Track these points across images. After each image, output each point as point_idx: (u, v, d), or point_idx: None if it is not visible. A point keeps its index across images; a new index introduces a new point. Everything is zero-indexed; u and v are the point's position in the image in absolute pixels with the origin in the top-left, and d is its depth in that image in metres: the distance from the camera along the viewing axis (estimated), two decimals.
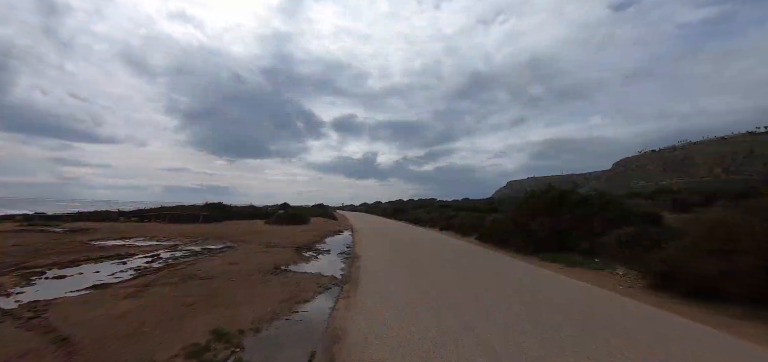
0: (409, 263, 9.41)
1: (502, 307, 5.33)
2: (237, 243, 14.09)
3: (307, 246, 13.18)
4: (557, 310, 5.23)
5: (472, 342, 3.99)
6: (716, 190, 42.67)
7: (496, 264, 9.41)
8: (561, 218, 10.80)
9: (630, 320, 4.85)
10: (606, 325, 4.60)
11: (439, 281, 7.15)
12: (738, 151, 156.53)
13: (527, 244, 10.96)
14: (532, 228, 11.13)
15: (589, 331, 4.36)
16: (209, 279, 7.08)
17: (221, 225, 22.78)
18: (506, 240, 12.38)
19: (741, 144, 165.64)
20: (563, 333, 4.28)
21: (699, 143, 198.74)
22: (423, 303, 5.48)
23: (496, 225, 13.38)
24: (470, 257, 10.53)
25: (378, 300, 5.68)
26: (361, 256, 10.60)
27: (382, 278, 7.47)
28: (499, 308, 5.29)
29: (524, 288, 6.64)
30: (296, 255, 10.87)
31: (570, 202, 11.02)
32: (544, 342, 3.98)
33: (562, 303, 5.63)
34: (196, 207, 29.92)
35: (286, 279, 7.27)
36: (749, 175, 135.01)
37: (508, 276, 7.77)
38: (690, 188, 57.55)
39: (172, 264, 8.96)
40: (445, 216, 23.69)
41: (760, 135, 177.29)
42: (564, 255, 10.01)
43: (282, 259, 9.83)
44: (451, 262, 9.56)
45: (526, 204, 11.87)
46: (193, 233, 17.46)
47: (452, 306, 5.33)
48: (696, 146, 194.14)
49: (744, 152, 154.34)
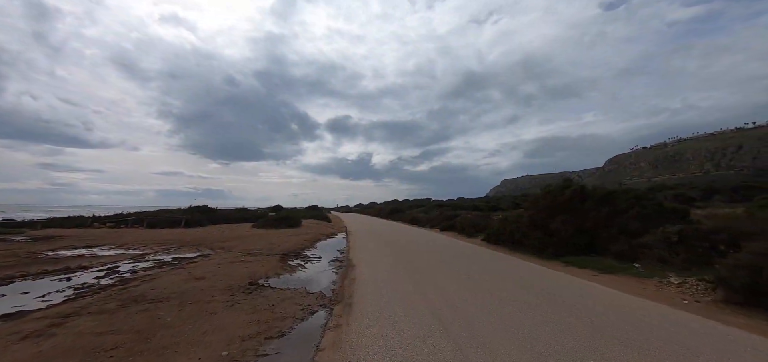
0: (412, 271, 7.87)
1: (546, 332, 3.82)
2: (215, 250, 12.43)
3: (294, 253, 11.57)
4: (624, 340, 3.75)
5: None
6: (711, 185, 41.99)
7: (515, 271, 7.92)
8: (586, 216, 9.35)
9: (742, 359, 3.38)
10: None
11: (451, 295, 5.63)
12: (727, 146, 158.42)
13: (546, 246, 9.49)
14: (552, 227, 9.68)
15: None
16: (158, 302, 5.46)
17: (204, 230, 21.03)
18: (519, 242, 10.92)
19: (730, 139, 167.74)
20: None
21: (689, 139, 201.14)
22: (439, 333, 3.95)
23: (506, 224, 11.92)
24: (482, 263, 9.04)
25: (378, 333, 4.13)
26: (356, 265, 9.04)
27: (382, 295, 5.92)
28: (542, 335, 3.78)
29: (564, 304, 5.15)
30: (280, 264, 9.27)
31: (595, 197, 9.58)
32: None
33: (624, 328, 4.14)
34: (180, 211, 28.06)
35: (260, 301, 5.68)
36: (739, 169, 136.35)
37: (538, 289, 6.27)
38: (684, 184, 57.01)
39: (124, 281, 7.31)
40: (445, 215, 22.21)
41: (747, 130, 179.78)
42: (592, 258, 8.57)
43: (261, 270, 8.23)
44: (462, 270, 8.05)
45: (543, 201, 10.42)
46: (169, 239, 15.73)
47: (475, 332, 3.81)
48: (686, 142, 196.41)
49: (733, 147, 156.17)
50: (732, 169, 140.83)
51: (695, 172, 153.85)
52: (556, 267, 8.45)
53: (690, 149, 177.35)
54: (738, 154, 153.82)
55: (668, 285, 6.36)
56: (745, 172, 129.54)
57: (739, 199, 32.24)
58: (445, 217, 21.93)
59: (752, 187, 38.81)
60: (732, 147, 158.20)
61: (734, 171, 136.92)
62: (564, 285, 6.55)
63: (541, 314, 4.83)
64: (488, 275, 7.42)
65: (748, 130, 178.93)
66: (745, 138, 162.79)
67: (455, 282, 6.75)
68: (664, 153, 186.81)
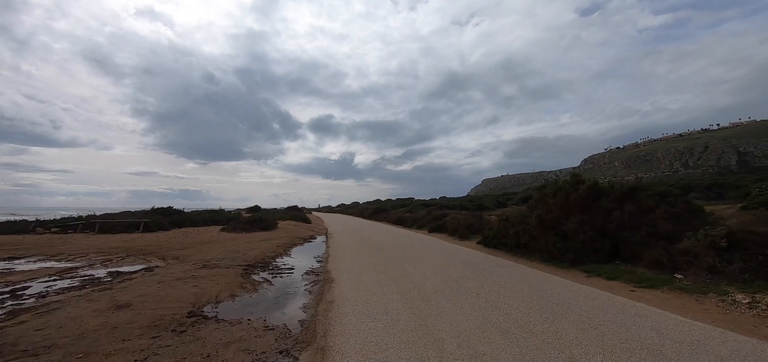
0: (408, 289, 6.24)
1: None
2: (167, 260, 10.40)
3: (262, 263, 9.71)
4: None
5: None
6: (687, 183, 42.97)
7: (537, 286, 6.42)
8: (607, 216, 8.00)
9: None
10: None
11: (466, 328, 4.03)
12: (694, 146, 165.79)
13: (563, 252, 8.08)
14: (566, 230, 8.28)
15: None
16: (34, 357, 3.59)
17: (165, 235, 18.67)
18: (525, 246, 9.50)
19: (696, 140, 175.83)
20: None
21: (659, 140, 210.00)
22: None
23: (508, 226, 10.48)
24: (488, 273, 7.52)
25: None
26: (335, 280, 7.32)
27: (371, 331, 4.25)
28: None
29: (624, 339, 3.64)
30: (240, 280, 7.43)
31: (615, 194, 8.25)
32: None
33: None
34: (142, 213, 25.34)
35: (192, 347, 3.89)
36: (706, 169, 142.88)
37: (577, 315, 4.75)
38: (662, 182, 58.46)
39: (10, 314, 5.31)
40: (433, 216, 20.74)
41: (712, 131, 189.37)
42: (619, 267, 7.20)
43: (213, 291, 6.39)
44: (469, 284, 6.49)
45: (554, 198, 9.02)
46: (117, 247, 13.46)
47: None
48: (657, 143, 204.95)
49: (700, 147, 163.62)
50: (699, 168, 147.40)
51: (665, 172, 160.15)
52: (579, 278, 7.03)
53: (660, 149, 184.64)
54: (704, 154, 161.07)
55: (734, 305, 4.99)
56: (711, 171, 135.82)
57: (714, 196, 32.79)
58: (433, 218, 20.46)
59: (722, 185, 40.33)
60: (699, 147, 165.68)
61: (701, 170, 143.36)
62: (604, 307, 5.07)
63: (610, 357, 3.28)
64: (503, 291, 5.87)
65: (713, 131, 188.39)
66: (711, 138, 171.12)
67: (465, 305, 5.16)
68: (637, 153, 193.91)
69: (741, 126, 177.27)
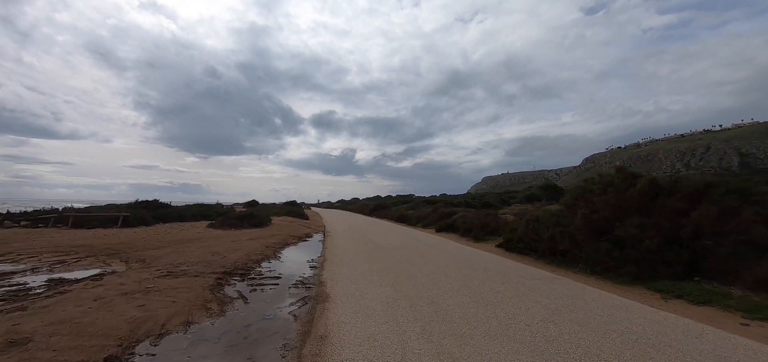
0: (430, 313, 4.54)
1: None
2: (130, 263, 8.67)
3: (242, 269, 7.98)
4: None
5: None
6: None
7: (594, 309, 4.71)
8: (678, 219, 6.28)
9: None
10: None
11: None
12: (696, 147, 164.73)
13: (619, 263, 6.36)
14: (623, 234, 6.56)
15: None
16: None
17: (144, 231, 16.90)
18: (563, 253, 7.79)
19: (699, 141, 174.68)
20: None
21: (661, 140, 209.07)
22: None
23: (539, 227, 8.76)
24: (527, 291, 5.81)
25: None
26: (331, 296, 5.60)
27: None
28: None
29: None
30: (206, 295, 5.70)
31: (687, 191, 6.52)
32: None
33: None
34: (126, 206, 23.53)
35: None
36: (708, 170, 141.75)
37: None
38: None
39: None
40: (440, 213, 19.02)
41: (714, 132, 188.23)
42: (704, 286, 5.49)
43: (161, 315, 4.66)
44: (511, 311, 4.78)
45: (602, 196, 7.29)
46: (81, 246, 11.70)
47: None
48: (658, 143, 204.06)
49: (702, 148, 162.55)
50: (700, 169, 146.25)
51: (667, 172, 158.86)
52: (653, 300, 5.32)
53: (662, 149, 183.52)
54: (706, 155, 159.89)
55: None
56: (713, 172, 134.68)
57: None
58: (439, 215, 18.74)
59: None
60: (701, 148, 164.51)
61: (703, 171, 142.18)
62: (726, 355, 3.35)
63: None
64: (561, 322, 4.14)
65: (715, 132, 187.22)
66: (713, 140, 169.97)
67: (517, 347, 3.43)
68: (638, 153, 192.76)
69: (743, 127, 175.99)
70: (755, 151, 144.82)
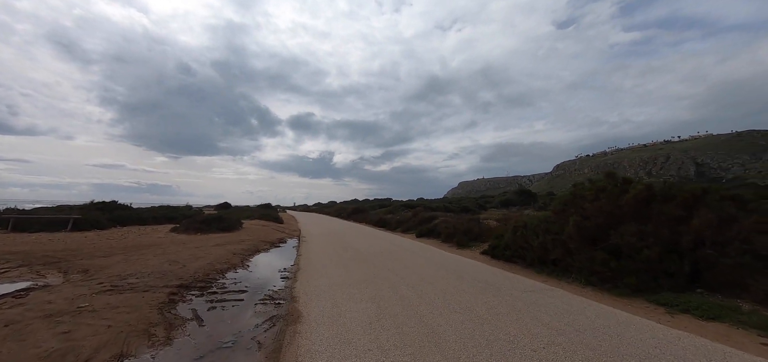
0: (420, 336, 3.88)
1: None
2: (70, 274, 7.48)
3: (204, 281, 7.02)
4: None
5: None
6: None
7: (600, 328, 4.21)
8: (677, 227, 5.95)
9: None
10: None
11: None
12: (657, 157, 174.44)
13: (617, 274, 5.96)
14: (620, 243, 6.18)
15: None
16: None
17: (98, 235, 15.29)
18: (555, 262, 7.36)
19: (659, 151, 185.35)
20: None
21: (625, 149, 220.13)
22: None
23: (527, 234, 8.31)
24: (523, 306, 5.27)
25: None
26: (304, 315, 4.82)
27: None
28: None
29: None
30: (152, 316, 4.76)
31: (683, 198, 6.21)
32: None
33: None
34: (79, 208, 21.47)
35: None
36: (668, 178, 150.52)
37: None
38: None
39: None
40: (420, 218, 18.47)
41: (674, 143, 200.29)
42: (708, 299, 5.13)
43: (86, 346, 3.73)
44: (512, 331, 4.19)
45: (594, 203, 6.90)
46: (16, 252, 10.21)
47: None
48: (623, 152, 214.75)
49: (662, 158, 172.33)
50: (661, 177, 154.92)
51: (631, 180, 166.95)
52: (657, 315, 4.89)
53: (626, 158, 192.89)
54: (666, 164, 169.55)
55: None
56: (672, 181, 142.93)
57: None
58: (420, 220, 18.20)
59: None
60: (661, 157, 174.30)
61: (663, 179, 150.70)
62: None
63: None
64: (567, 343, 3.58)
65: (675, 142, 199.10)
66: (672, 150, 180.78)
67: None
68: (604, 161, 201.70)
69: (699, 139, 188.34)
70: (709, 161, 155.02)
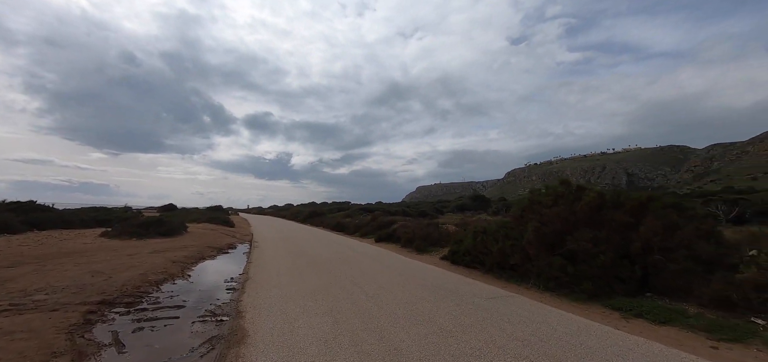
0: (381, 354, 3.51)
1: None
2: None
3: (131, 296, 6.08)
4: None
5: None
6: None
7: (563, 336, 4.15)
8: (628, 233, 6.17)
9: None
10: None
11: None
12: (595, 167, 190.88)
13: (574, 279, 6.05)
14: (576, 248, 6.30)
15: None
16: None
17: (9, 241, 13.10)
18: (513, 268, 7.39)
19: (597, 161, 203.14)
20: None
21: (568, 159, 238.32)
22: None
23: (487, 240, 8.31)
24: (486, 314, 5.12)
25: None
26: (250, 334, 4.24)
27: None
28: None
29: None
30: (60, 340, 3.92)
31: (632, 205, 6.49)
32: None
33: None
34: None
35: None
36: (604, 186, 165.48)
37: None
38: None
39: None
40: (379, 222, 18.19)
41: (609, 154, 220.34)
42: (658, 303, 5.33)
43: None
44: (477, 344, 3.98)
45: (551, 208, 7.02)
46: None
47: None
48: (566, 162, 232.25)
49: (599, 168, 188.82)
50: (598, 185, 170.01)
51: None
52: (614, 320, 4.96)
53: (569, 167, 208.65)
54: (603, 173, 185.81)
55: None
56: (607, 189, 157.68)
57: None
58: (379, 225, 17.91)
59: None
60: (598, 167, 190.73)
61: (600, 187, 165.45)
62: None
63: None
64: (535, 357, 3.44)
65: (610, 154, 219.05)
66: (608, 161, 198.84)
67: None
68: (550, 169, 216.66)
69: (630, 152, 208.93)
70: (638, 172, 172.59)
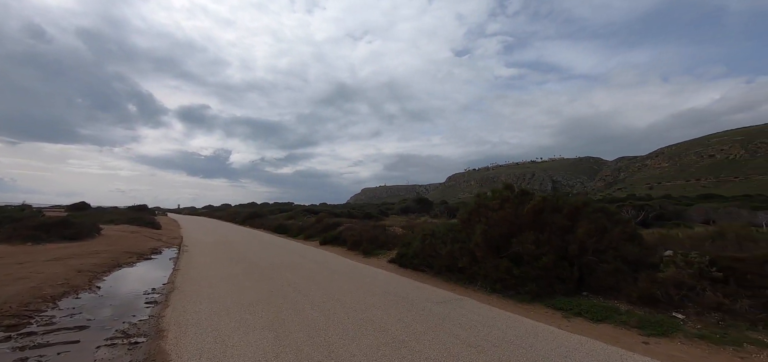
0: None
1: None
2: None
3: (16, 316, 4.90)
4: None
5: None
6: None
7: (513, 340, 4.16)
8: (565, 236, 6.52)
9: None
10: None
11: None
12: (526, 173, 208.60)
13: (519, 281, 6.22)
14: (521, 251, 6.50)
15: None
16: None
17: None
18: (461, 270, 7.45)
19: (527, 169, 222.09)
20: None
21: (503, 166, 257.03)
22: None
23: (436, 243, 8.31)
24: (438, 319, 5.01)
25: None
26: (172, 359, 3.57)
27: None
28: None
29: None
30: None
31: (569, 209, 6.90)
32: None
33: None
34: None
35: None
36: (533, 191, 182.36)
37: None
38: None
39: None
40: (325, 224, 17.56)
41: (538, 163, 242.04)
42: (594, 302, 5.67)
43: None
44: (431, 354, 3.79)
45: (498, 212, 7.20)
46: None
47: None
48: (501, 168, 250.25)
49: (529, 175, 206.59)
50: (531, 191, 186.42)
51: None
52: (557, 320, 5.15)
53: (503, 173, 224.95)
54: (532, 180, 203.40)
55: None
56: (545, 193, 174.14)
57: None
58: (324, 227, 17.30)
59: None
60: (528, 174, 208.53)
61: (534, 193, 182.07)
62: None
63: None
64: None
65: (538, 163, 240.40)
66: (536, 169, 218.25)
67: None
68: (487, 175, 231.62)
69: (555, 161, 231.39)
70: (561, 179, 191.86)
